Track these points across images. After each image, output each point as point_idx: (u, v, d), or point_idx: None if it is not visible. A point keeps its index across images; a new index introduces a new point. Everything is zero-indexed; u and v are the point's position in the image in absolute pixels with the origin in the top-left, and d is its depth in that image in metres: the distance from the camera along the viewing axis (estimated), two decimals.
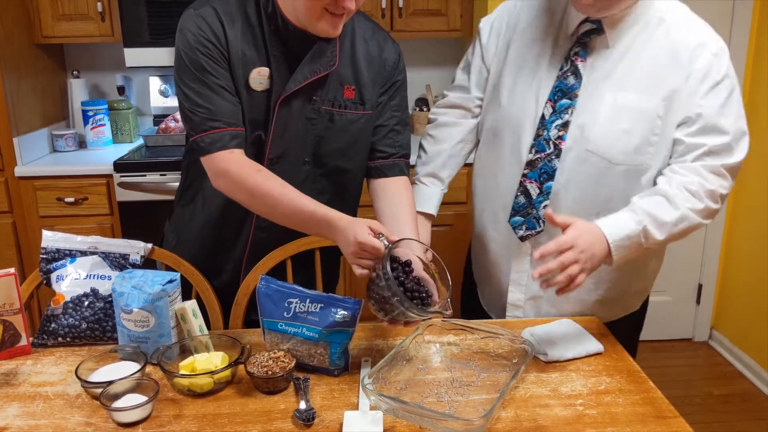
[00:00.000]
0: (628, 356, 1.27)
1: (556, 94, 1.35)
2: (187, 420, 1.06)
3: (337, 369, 1.20)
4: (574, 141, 1.34)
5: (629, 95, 1.31)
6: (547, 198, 1.37)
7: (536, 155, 1.37)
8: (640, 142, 1.31)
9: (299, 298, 1.20)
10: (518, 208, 1.41)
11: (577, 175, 1.35)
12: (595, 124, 1.32)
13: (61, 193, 2.57)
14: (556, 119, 1.34)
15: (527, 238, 1.42)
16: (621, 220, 1.27)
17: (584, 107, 1.33)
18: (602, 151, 1.32)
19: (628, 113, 1.30)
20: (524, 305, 1.48)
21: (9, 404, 1.11)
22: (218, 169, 1.28)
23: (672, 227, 1.28)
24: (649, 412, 1.08)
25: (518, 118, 1.40)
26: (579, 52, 1.34)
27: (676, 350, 3.07)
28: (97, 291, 1.31)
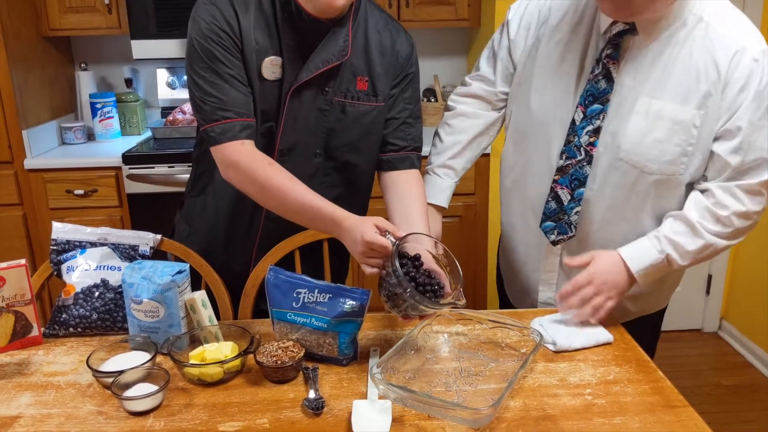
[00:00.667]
0: (637, 346, 1.27)
1: (587, 98, 1.30)
2: (197, 409, 1.07)
3: (345, 358, 1.20)
4: (605, 148, 1.30)
5: (664, 104, 1.25)
6: (578, 204, 1.35)
7: (567, 161, 1.33)
8: (675, 152, 1.26)
9: (308, 288, 1.21)
10: (549, 213, 1.39)
11: (608, 183, 1.32)
12: (627, 133, 1.27)
13: (71, 185, 2.59)
14: (587, 125, 1.30)
15: (559, 242, 1.40)
16: (643, 248, 1.29)
17: (616, 113, 1.28)
18: (635, 160, 1.28)
19: (662, 123, 1.25)
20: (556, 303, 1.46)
21: (21, 393, 1.12)
22: (228, 160, 1.28)
23: (696, 255, 1.29)
24: (658, 401, 1.08)
25: (548, 122, 1.36)
26: (611, 54, 1.27)
27: (685, 341, 3.06)
28: (108, 282, 1.31)
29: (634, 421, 1.03)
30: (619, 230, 1.36)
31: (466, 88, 1.54)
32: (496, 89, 1.49)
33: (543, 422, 1.02)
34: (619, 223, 1.35)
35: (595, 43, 1.31)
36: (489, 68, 1.50)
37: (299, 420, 1.04)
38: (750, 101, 1.21)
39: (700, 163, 1.28)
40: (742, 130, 1.23)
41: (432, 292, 1.14)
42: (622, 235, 1.35)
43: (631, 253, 1.29)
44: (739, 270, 2.99)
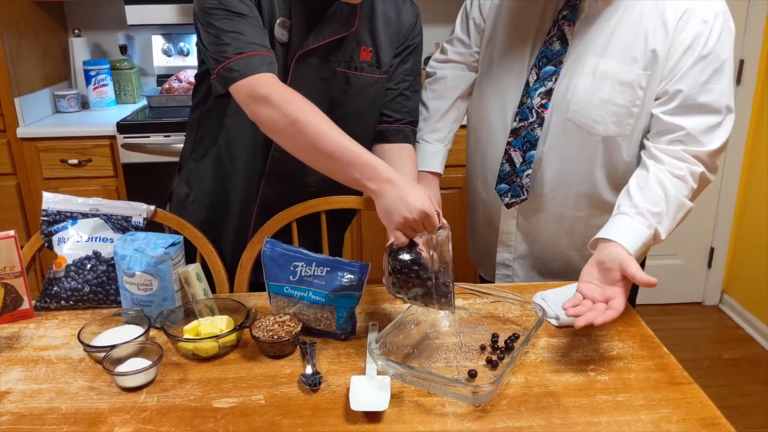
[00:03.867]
0: (641, 321, 1.24)
1: (541, 60, 1.30)
2: (191, 384, 1.04)
3: (344, 333, 1.18)
4: (555, 109, 1.29)
5: (611, 63, 1.24)
6: (529, 167, 1.34)
7: (520, 123, 1.33)
8: (620, 113, 1.25)
9: (305, 261, 1.18)
10: (504, 175, 1.38)
11: (557, 145, 1.31)
12: (576, 93, 1.27)
13: (65, 154, 2.54)
14: (539, 87, 1.30)
15: (513, 205, 1.40)
16: (634, 229, 1.19)
17: (567, 74, 1.28)
18: (582, 121, 1.27)
19: (608, 83, 1.24)
20: (513, 264, 1.49)
21: (11, 368, 1.09)
22: (257, 93, 1.16)
23: (673, 220, 1.25)
24: (662, 378, 1.06)
25: (505, 82, 1.37)
26: (567, 15, 1.27)
27: (685, 314, 3.05)
28: (100, 254, 1.28)
29: (638, 398, 1.00)
30: (571, 192, 1.35)
31: (443, 55, 1.53)
32: (471, 49, 1.48)
33: (545, 399, 1.00)
34: (571, 185, 1.34)
35: (554, 3, 1.30)
36: (463, 30, 1.49)
37: (296, 396, 1.01)
38: (692, 63, 1.19)
39: (645, 124, 1.26)
40: (682, 93, 1.20)
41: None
42: (575, 198, 1.35)
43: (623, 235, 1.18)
44: (741, 243, 2.97)
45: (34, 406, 0.99)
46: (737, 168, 2.90)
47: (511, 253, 1.48)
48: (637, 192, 1.22)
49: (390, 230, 1.12)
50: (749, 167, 2.87)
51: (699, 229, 3.00)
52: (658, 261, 3.03)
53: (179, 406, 0.99)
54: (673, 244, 3.02)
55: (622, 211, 1.21)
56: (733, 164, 2.90)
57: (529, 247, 1.46)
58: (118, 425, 0.94)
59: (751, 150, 2.83)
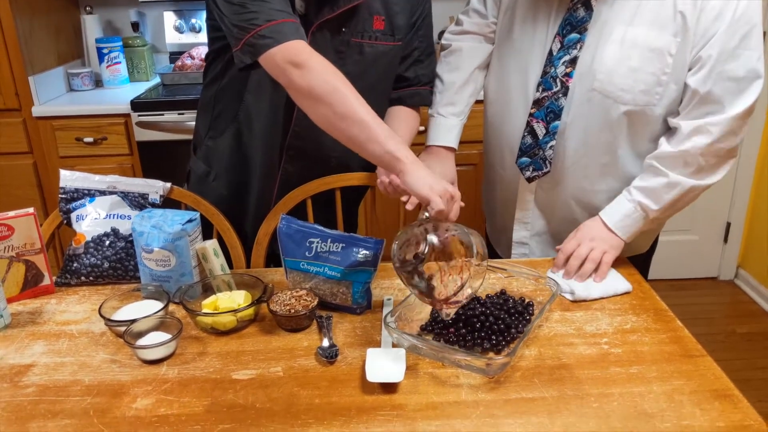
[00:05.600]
0: (655, 295, 1.24)
1: (565, 27, 1.27)
2: (210, 357, 1.06)
3: (359, 307, 1.19)
4: (580, 78, 1.27)
5: (640, 31, 1.21)
6: (553, 138, 1.32)
7: (543, 93, 1.31)
8: (649, 81, 1.23)
9: (320, 237, 1.19)
10: (525, 148, 1.37)
11: (581, 116, 1.29)
12: (602, 62, 1.24)
13: (80, 133, 2.56)
14: (563, 55, 1.27)
15: (534, 179, 1.39)
16: (617, 203, 1.31)
17: (593, 43, 1.25)
18: (608, 90, 1.25)
19: (637, 51, 1.22)
20: (529, 242, 1.49)
21: (35, 342, 1.12)
22: (296, 59, 1.13)
23: (665, 195, 1.26)
24: (676, 350, 1.06)
25: (527, 52, 1.34)
26: None
27: (700, 288, 3.04)
28: (118, 231, 1.30)
29: (651, 370, 1.01)
30: (593, 164, 1.34)
31: (459, 27, 1.50)
32: (488, 20, 1.45)
33: (558, 371, 1.01)
34: (594, 157, 1.33)
35: None
36: (479, 1, 1.47)
37: (313, 368, 1.03)
38: (724, 30, 1.17)
39: (674, 94, 1.25)
40: (712, 58, 1.19)
41: None
42: (598, 169, 1.34)
43: (606, 209, 1.32)
44: (757, 218, 2.94)
45: (58, 378, 1.01)
46: (756, 142, 2.86)
47: (528, 231, 1.48)
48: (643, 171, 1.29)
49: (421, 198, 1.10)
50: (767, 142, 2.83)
51: (715, 204, 2.98)
52: (674, 236, 3.01)
53: (199, 378, 1.01)
54: (688, 220, 2.99)
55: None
56: (751, 139, 2.86)
57: (547, 224, 1.46)
58: (140, 396, 0.97)
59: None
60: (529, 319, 1.13)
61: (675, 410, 0.92)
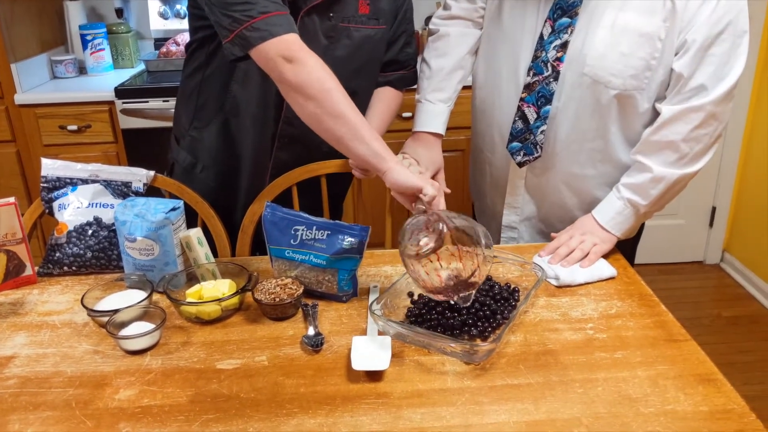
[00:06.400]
0: (640, 280, 1.25)
1: (556, 11, 1.26)
2: (195, 347, 1.06)
3: (345, 295, 1.19)
4: (570, 62, 1.27)
5: (630, 16, 1.21)
6: (544, 123, 1.32)
7: (534, 78, 1.30)
8: (638, 66, 1.23)
9: (306, 225, 1.18)
10: (516, 133, 1.36)
11: (572, 100, 1.30)
12: (593, 47, 1.24)
13: (64, 120, 2.52)
14: (554, 39, 1.27)
15: (525, 164, 1.39)
16: (607, 201, 1.33)
17: (584, 27, 1.25)
18: (599, 75, 1.25)
19: (627, 36, 1.22)
20: (519, 226, 1.49)
21: (16, 333, 1.11)
22: (288, 53, 1.14)
23: (651, 190, 1.27)
24: (660, 335, 1.07)
25: (517, 36, 1.33)
26: None
27: (686, 272, 3.06)
28: (101, 220, 1.29)
29: (635, 355, 1.02)
30: (584, 149, 1.34)
31: (447, 11, 1.49)
32: (476, 5, 1.44)
33: (543, 357, 1.02)
34: (584, 142, 1.33)
35: None
36: None
37: (298, 357, 1.03)
38: (709, 14, 1.18)
39: (663, 78, 1.25)
40: (696, 42, 1.19)
41: None
42: (588, 154, 1.35)
43: (598, 207, 1.33)
44: (743, 202, 2.96)
45: (40, 370, 1.00)
46: (740, 127, 2.87)
47: (517, 215, 1.48)
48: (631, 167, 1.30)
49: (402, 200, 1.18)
50: (752, 126, 2.84)
51: (700, 188, 2.99)
52: (659, 221, 3.02)
53: (183, 368, 1.00)
54: (673, 204, 2.99)
55: None
56: (736, 123, 2.87)
57: (537, 208, 1.46)
58: (123, 387, 0.96)
59: (755, 110, 2.80)
60: (514, 305, 1.13)
61: (659, 395, 0.92)
